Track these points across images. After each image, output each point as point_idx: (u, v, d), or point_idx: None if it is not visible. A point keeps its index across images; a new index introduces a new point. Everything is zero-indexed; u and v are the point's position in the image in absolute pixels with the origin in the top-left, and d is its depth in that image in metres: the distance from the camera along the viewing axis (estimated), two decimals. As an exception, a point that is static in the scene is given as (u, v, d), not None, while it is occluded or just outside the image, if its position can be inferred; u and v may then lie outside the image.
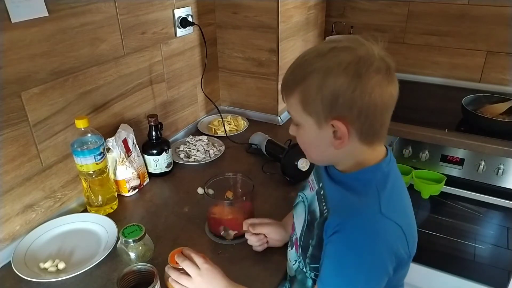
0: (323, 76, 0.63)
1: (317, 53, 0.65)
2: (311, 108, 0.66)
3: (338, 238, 0.66)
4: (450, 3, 1.75)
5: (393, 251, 0.65)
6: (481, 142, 1.39)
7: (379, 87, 0.63)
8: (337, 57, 0.63)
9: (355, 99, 0.62)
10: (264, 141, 1.36)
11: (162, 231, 1.04)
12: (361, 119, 0.64)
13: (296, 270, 0.84)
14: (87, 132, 1.02)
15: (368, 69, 0.62)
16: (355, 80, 0.62)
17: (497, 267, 1.61)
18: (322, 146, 0.70)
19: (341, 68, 0.62)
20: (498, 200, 1.46)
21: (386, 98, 0.64)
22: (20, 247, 0.96)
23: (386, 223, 0.65)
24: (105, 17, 1.10)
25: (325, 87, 0.63)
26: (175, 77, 1.45)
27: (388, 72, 0.64)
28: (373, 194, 0.67)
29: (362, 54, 0.63)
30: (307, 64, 0.66)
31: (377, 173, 0.70)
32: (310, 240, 0.75)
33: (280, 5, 1.43)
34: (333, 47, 0.64)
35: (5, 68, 0.89)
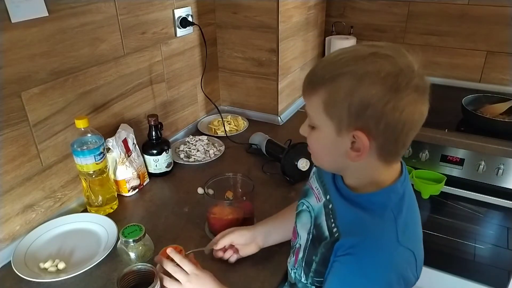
0: (358, 81, 0.58)
1: (356, 55, 0.60)
2: (335, 112, 0.61)
3: (350, 260, 0.63)
4: (450, 3, 1.75)
5: (404, 278, 0.64)
6: (481, 142, 1.39)
7: (413, 105, 0.58)
8: (377, 64, 0.58)
9: (385, 113, 0.57)
10: (264, 141, 1.36)
11: (162, 231, 1.04)
12: (386, 135, 0.60)
13: (295, 278, 0.81)
14: (87, 132, 1.02)
15: (407, 84, 0.57)
16: (391, 93, 0.57)
17: (497, 267, 1.61)
18: (336, 154, 0.65)
19: (379, 76, 0.57)
20: (498, 200, 1.46)
21: (416, 117, 0.60)
22: (20, 247, 0.96)
23: (401, 252, 0.63)
24: (105, 17, 1.10)
25: (356, 93, 0.58)
26: (175, 77, 1.45)
27: (424, 92, 0.60)
28: (389, 219, 0.64)
29: (403, 67, 0.58)
30: (341, 64, 0.60)
31: (392, 195, 0.66)
32: (313, 256, 0.73)
33: (280, 5, 1.43)
34: (374, 52, 0.59)
35: (5, 68, 0.89)
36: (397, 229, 0.63)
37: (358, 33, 1.98)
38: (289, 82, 1.67)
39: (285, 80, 1.63)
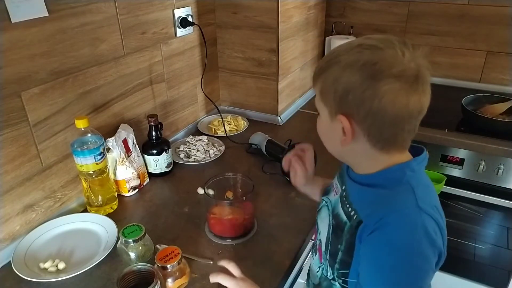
0: (341, 70, 0.63)
1: (346, 47, 0.65)
2: (326, 99, 0.67)
3: (376, 237, 0.63)
4: (450, 3, 1.75)
5: (435, 245, 0.63)
6: (481, 142, 1.39)
7: (393, 94, 0.60)
8: (359, 54, 0.62)
9: (364, 100, 0.61)
10: (264, 141, 1.36)
11: (162, 231, 1.04)
12: (367, 121, 0.63)
13: (320, 277, 0.81)
14: (87, 132, 1.02)
15: (385, 73, 0.59)
16: (368, 81, 0.60)
17: (497, 267, 1.61)
18: (334, 139, 0.69)
19: (358, 65, 0.61)
20: (498, 200, 1.46)
21: (400, 107, 0.61)
22: (20, 247, 0.96)
23: (425, 217, 0.62)
24: (105, 17, 1.10)
25: (340, 80, 0.63)
26: (175, 77, 1.45)
27: (414, 81, 0.60)
28: (406, 189, 0.64)
29: (385, 56, 0.60)
30: (334, 55, 0.65)
31: (407, 170, 0.66)
32: (338, 245, 0.73)
33: (280, 5, 1.43)
34: (360, 44, 0.63)
35: (5, 68, 0.89)
36: (416, 197, 0.63)
37: (358, 33, 1.98)
38: (289, 82, 1.67)
39: (285, 80, 1.63)
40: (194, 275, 0.90)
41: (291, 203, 1.14)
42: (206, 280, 0.89)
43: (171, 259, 0.83)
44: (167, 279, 0.83)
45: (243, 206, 0.99)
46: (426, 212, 0.63)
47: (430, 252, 0.62)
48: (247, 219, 1.00)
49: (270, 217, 1.08)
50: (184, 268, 0.86)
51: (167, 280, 0.83)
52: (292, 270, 0.96)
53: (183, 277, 0.86)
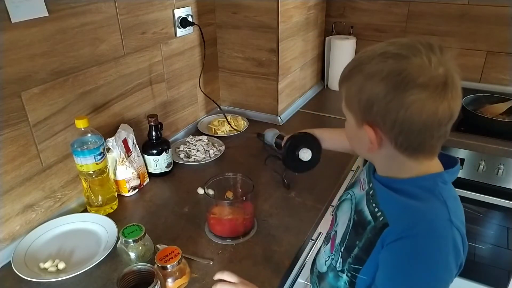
0: (364, 80, 0.61)
1: (370, 54, 0.63)
2: (351, 107, 0.67)
3: (404, 244, 0.62)
4: (450, 3, 1.75)
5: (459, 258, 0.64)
6: (481, 142, 1.39)
7: (419, 104, 0.58)
8: (382, 64, 0.60)
9: (389, 110, 0.59)
10: (274, 136, 1.35)
11: (162, 231, 1.04)
12: (394, 130, 0.61)
13: (328, 267, 0.82)
14: (87, 132, 1.02)
15: (410, 83, 0.57)
16: (393, 92, 0.58)
17: (497, 267, 1.62)
18: (361, 145, 0.70)
19: (382, 75, 0.59)
20: (498, 200, 1.46)
21: (428, 116, 0.59)
22: (20, 247, 0.96)
23: (455, 232, 0.62)
24: (105, 17, 1.10)
25: (363, 91, 0.62)
26: (175, 77, 1.45)
27: (443, 88, 0.58)
28: (438, 201, 0.64)
29: (410, 66, 0.58)
30: (358, 63, 0.64)
31: (438, 181, 0.66)
32: (357, 241, 0.73)
33: (280, 5, 1.43)
34: (384, 52, 0.61)
35: (5, 68, 0.89)
36: (449, 209, 0.63)
37: (358, 33, 1.98)
38: (289, 82, 1.67)
39: (285, 80, 1.63)
40: (194, 275, 0.90)
41: (291, 203, 1.14)
42: (206, 280, 0.89)
43: (171, 259, 0.83)
44: (167, 279, 0.83)
45: (243, 206, 0.99)
46: (456, 227, 0.63)
47: (454, 265, 0.63)
48: (247, 219, 1.00)
49: (270, 217, 1.08)
50: (184, 268, 0.86)
51: (167, 280, 0.83)
52: (292, 270, 0.96)
53: (183, 277, 0.86)
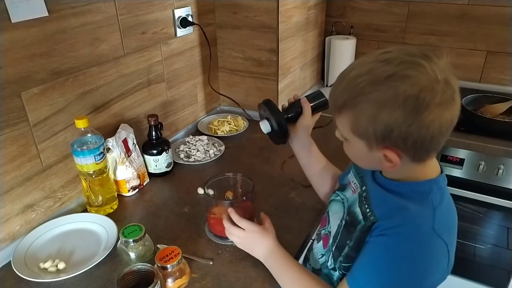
0: (378, 108, 0.59)
1: (372, 79, 0.59)
2: (362, 134, 0.64)
3: (382, 242, 0.65)
4: (450, 3, 1.75)
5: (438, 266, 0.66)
6: (481, 142, 1.39)
7: (439, 119, 0.58)
8: (395, 89, 0.57)
9: (411, 133, 0.59)
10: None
11: (162, 231, 1.04)
12: (416, 148, 0.61)
13: (322, 264, 0.84)
14: (87, 132, 1.02)
15: (429, 103, 0.57)
16: (413, 115, 0.57)
17: (497, 267, 1.61)
18: (372, 162, 0.69)
19: (398, 102, 0.57)
20: (498, 200, 1.46)
21: (446, 127, 0.60)
22: (20, 247, 0.96)
23: (436, 241, 0.64)
24: (105, 17, 1.10)
25: (378, 119, 0.59)
26: (175, 77, 1.45)
27: (451, 100, 0.59)
28: (428, 207, 0.65)
29: (423, 85, 0.57)
30: (359, 90, 0.60)
31: (434, 187, 0.68)
32: (347, 240, 0.74)
33: (280, 5, 1.43)
34: (390, 75, 0.58)
35: (5, 68, 0.89)
36: (434, 218, 0.64)
37: (358, 33, 1.98)
38: (289, 82, 1.67)
39: (285, 80, 1.63)
40: (194, 275, 0.90)
41: (291, 203, 1.14)
42: (206, 280, 0.89)
43: (171, 259, 0.83)
44: (167, 279, 0.83)
45: (243, 206, 0.99)
46: (439, 236, 0.64)
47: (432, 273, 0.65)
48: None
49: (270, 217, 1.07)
50: (184, 268, 0.86)
51: (167, 280, 0.83)
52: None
53: (183, 277, 0.86)
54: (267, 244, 0.84)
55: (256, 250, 0.86)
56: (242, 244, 0.87)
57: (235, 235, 0.86)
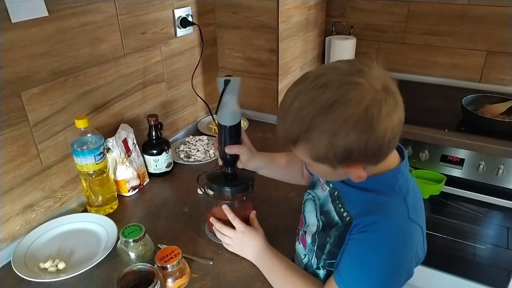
0: (332, 136, 0.59)
1: (317, 110, 0.59)
2: (323, 159, 0.64)
3: (365, 238, 0.67)
4: (450, 3, 1.75)
5: (417, 253, 0.69)
6: (481, 142, 1.39)
7: (390, 125, 0.60)
8: (342, 115, 0.58)
9: (369, 147, 0.60)
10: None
11: (162, 231, 1.04)
12: (376, 156, 0.63)
13: (306, 264, 0.85)
14: (87, 132, 1.02)
15: (378, 117, 0.58)
16: (367, 133, 0.59)
17: (497, 267, 1.61)
18: (339, 177, 0.71)
19: (349, 126, 0.58)
20: (498, 200, 1.46)
21: (398, 128, 0.62)
22: (20, 247, 0.96)
23: (413, 228, 0.68)
24: (105, 17, 1.10)
25: (335, 145, 0.60)
26: (175, 77, 1.45)
27: (393, 99, 0.60)
28: (399, 198, 0.68)
29: (367, 102, 0.58)
30: (308, 122, 0.60)
31: (398, 176, 0.70)
32: (327, 238, 0.76)
33: (280, 5, 1.43)
34: (333, 102, 0.58)
35: (5, 68, 0.89)
36: (408, 207, 0.67)
37: (358, 33, 1.98)
38: (289, 82, 1.67)
39: (285, 80, 1.63)
40: (194, 275, 0.90)
41: (291, 203, 1.14)
42: (206, 280, 0.89)
43: (171, 259, 0.83)
44: (167, 279, 0.83)
45: (243, 206, 0.99)
46: (415, 222, 0.68)
47: (411, 260, 0.68)
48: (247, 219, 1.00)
49: (270, 217, 1.08)
50: (184, 268, 0.86)
51: (167, 280, 0.83)
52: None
53: (183, 277, 0.86)
54: (258, 245, 0.88)
55: (247, 250, 0.90)
56: (233, 245, 0.91)
57: (226, 234, 0.91)
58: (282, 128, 0.65)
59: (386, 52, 1.99)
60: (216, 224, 0.94)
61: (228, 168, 0.95)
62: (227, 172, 0.95)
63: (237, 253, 0.92)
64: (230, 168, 0.94)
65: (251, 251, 0.89)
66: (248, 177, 0.96)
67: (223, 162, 0.95)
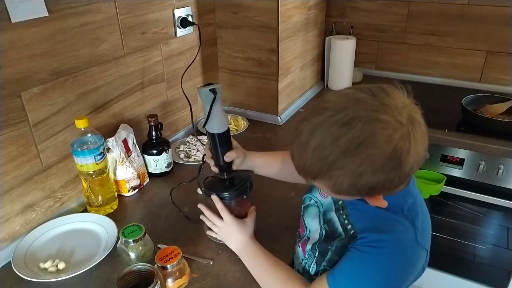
0: (357, 177, 0.57)
1: (342, 151, 0.56)
2: (345, 193, 0.62)
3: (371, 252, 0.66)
4: (450, 3, 1.75)
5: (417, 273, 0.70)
6: (481, 142, 1.39)
7: (416, 158, 0.58)
8: (369, 157, 0.55)
9: (394, 182, 0.59)
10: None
11: (162, 231, 1.04)
12: (398, 186, 0.62)
13: (303, 268, 0.85)
14: (87, 132, 1.02)
15: (406, 153, 0.56)
16: (394, 171, 0.57)
17: (497, 267, 1.62)
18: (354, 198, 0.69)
19: (376, 167, 0.56)
20: (498, 200, 1.46)
21: (423, 158, 0.60)
22: (20, 247, 0.96)
23: (420, 252, 0.67)
24: (105, 17, 1.10)
25: (360, 183, 0.58)
26: (175, 77, 1.45)
27: (420, 130, 0.58)
28: (408, 221, 0.67)
29: (395, 140, 0.55)
30: (331, 163, 0.57)
31: (408, 197, 0.69)
32: (328, 246, 0.75)
33: (280, 5, 1.43)
34: (359, 143, 0.55)
35: (5, 68, 0.89)
36: (416, 231, 0.67)
37: (358, 33, 1.98)
38: (289, 82, 1.67)
39: (285, 80, 1.63)
40: (194, 275, 0.90)
41: (291, 203, 1.14)
42: (206, 280, 0.89)
43: (171, 259, 0.83)
44: (167, 279, 0.83)
45: (243, 204, 0.99)
46: (422, 246, 0.67)
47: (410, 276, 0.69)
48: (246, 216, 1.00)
49: (270, 217, 1.08)
50: (184, 268, 0.86)
51: (167, 280, 0.83)
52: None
53: (183, 277, 0.86)
54: (242, 239, 0.88)
55: (231, 242, 0.91)
56: (219, 233, 0.93)
57: (215, 223, 0.92)
58: (299, 161, 0.62)
59: (386, 52, 1.99)
60: (205, 211, 0.94)
61: (224, 173, 0.95)
62: (224, 178, 0.96)
63: (223, 240, 0.93)
64: (227, 173, 0.95)
65: (235, 244, 0.90)
66: (245, 179, 0.96)
67: (219, 169, 0.95)
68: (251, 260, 0.87)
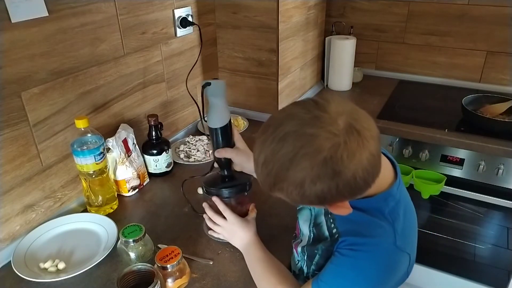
0: (300, 187, 0.59)
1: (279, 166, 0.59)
2: (305, 203, 0.64)
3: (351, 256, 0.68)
4: (450, 3, 1.75)
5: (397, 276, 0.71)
6: (481, 142, 1.39)
7: (360, 165, 0.57)
8: (303, 170, 0.57)
9: (341, 190, 0.59)
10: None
11: (162, 231, 1.04)
12: (355, 192, 0.61)
13: (299, 269, 0.86)
14: (87, 132, 1.02)
15: (341, 162, 0.56)
16: (334, 180, 0.57)
17: (497, 267, 1.61)
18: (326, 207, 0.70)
19: (313, 177, 0.57)
20: (498, 200, 1.46)
21: (370, 163, 0.58)
22: (20, 247, 0.96)
23: (399, 255, 0.69)
24: (105, 17, 1.10)
25: (306, 194, 0.59)
26: (175, 77, 1.45)
27: (358, 137, 0.57)
28: (388, 224, 0.68)
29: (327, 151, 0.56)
30: (274, 177, 0.60)
31: (389, 200, 0.70)
32: (315, 250, 0.78)
33: (280, 5, 1.43)
34: (292, 157, 0.57)
35: (5, 68, 0.89)
36: (395, 234, 0.68)
37: (358, 33, 1.98)
38: (289, 82, 1.67)
39: (285, 80, 1.63)
40: (194, 275, 0.90)
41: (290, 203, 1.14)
42: (206, 280, 0.89)
43: (171, 259, 0.83)
44: (167, 279, 0.83)
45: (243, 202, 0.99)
46: (403, 250, 0.68)
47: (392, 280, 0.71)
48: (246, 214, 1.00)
49: (270, 217, 1.08)
50: (184, 268, 0.86)
51: (167, 280, 0.83)
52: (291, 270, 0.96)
53: (183, 277, 0.86)
54: (245, 238, 0.90)
55: (235, 240, 0.92)
56: (223, 232, 0.93)
57: (218, 223, 0.93)
58: (257, 177, 0.66)
59: (386, 52, 1.99)
60: (208, 211, 0.95)
61: (224, 170, 0.96)
62: (223, 175, 0.96)
63: (226, 239, 0.94)
64: (226, 170, 0.96)
65: (240, 242, 0.91)
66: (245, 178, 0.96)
67: (218, 165, 0.96)
68: (251, 258, 0.88)
